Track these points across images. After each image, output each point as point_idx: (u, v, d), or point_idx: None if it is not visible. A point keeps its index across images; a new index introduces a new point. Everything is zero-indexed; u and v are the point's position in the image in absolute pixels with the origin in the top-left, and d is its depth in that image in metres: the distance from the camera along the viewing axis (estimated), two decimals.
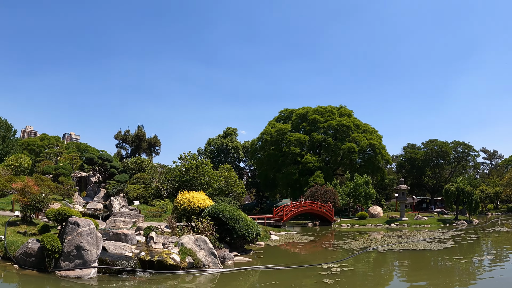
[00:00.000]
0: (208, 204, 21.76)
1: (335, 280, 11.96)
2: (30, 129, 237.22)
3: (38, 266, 12.72)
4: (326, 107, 66.87)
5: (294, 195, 57.57)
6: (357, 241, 24.66)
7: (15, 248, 13.87)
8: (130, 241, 16.18)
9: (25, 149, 74.34)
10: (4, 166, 33.81)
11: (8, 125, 68.43)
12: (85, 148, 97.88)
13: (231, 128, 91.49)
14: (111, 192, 33.37)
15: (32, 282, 11.66)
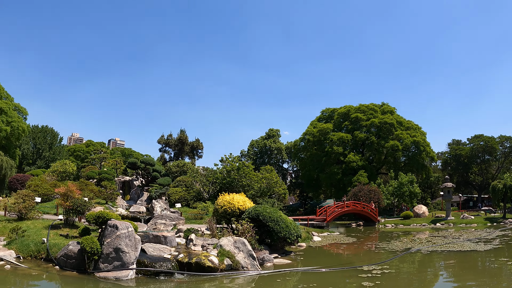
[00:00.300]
0: (249, 206, 21.40)
1: (374, 283, 11.24)
2: (76, 136, 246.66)
3: (78, 267, 12.85)
4: (368, 105, 65.23)
5: (338, 195, 56.54)
6: (400, 241, 23.57)
7: (56, 250, 14.10)
8: (170, 243, 16.10)
9: (71, 155, 77.17)
10: (50, 172, 34.96)
11: (55, 133, 71.30)
12: (130, 153, 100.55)
13: (273, 130, 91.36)
14: (153, 195, 33.80)
15: (72, 283, 11.77)
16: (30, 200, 19.33)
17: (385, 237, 28.52)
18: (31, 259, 14.32)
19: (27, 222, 18.02)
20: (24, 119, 57.96)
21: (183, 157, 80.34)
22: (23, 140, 62.47)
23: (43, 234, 16.07)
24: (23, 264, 13.54)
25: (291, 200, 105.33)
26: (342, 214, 47.01)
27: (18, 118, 54.35)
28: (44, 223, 18.13)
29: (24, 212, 18.78)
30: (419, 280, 12.22)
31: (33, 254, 14.58)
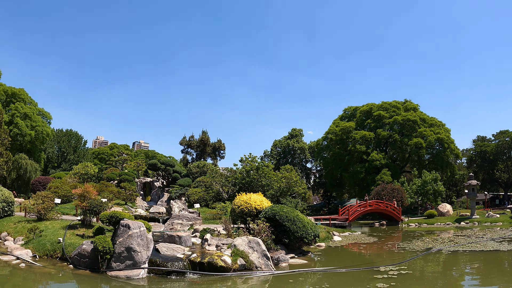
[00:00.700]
0: (266, 205, 21.13)
1: (389, 284, 10.73)
2: (101, 139, 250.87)
3: (91, 266, 12.89)
4: (390, 102, 64.12)
5: (361, 194, 55.78)
6: (422, 241, 22.85)
7: (72, 249, 14.18)
8: (185, 243, 15.99)
9: (96, 158, 78.62)
10: (72, 174, 35.52)
11: (79, 136, 72.84)
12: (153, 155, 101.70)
13: (296, 129, 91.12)
14: (173, 196, 33.93)
15: (83, 281, 11.81)
16: (49, 201, 19.55)
17: (407, 236, 27.81)
18: (47, 258, 14.47)
19: (46, 223, 18.24)
20: (48, 123, 59.38)
21: (205, 158, 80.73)
22: (48, 144, 63.96)
23: (60, 234, 16.22)
24: (38, 263, 13.66)
25: (315, 199, 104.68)
26: (365, 214, 46.34)
27: (42, 123, 55.69)
28: (62, 223, 18.32)
29: (43, 213, 19.01)
30: (436, 282, 11.60)
31: (49, 253, 14.72)
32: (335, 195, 76.20)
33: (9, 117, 51.01)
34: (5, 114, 47.90)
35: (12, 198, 20.91)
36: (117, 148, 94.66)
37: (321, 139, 72.56)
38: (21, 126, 50.69)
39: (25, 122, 51.85)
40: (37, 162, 54.65)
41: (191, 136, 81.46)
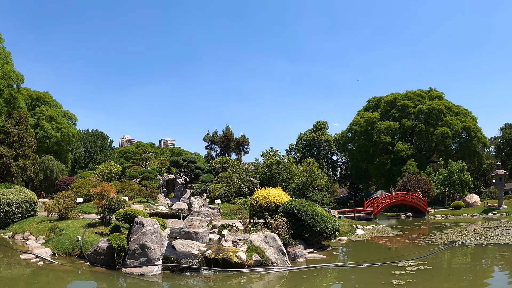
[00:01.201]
0: (285, 200, 20.90)
1: (406, 281, 10.28)
2: (127, 138, 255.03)
3: (107, 263, 12.98)
4: (415, 91, 62.66)
5: (387, 186, 54.92)
6: (446, 234, 22.09)
7: (89, 247, 14.33)
8: (201, 239, 15.96)
9: (122, 156, 79.88)
10: (95, 174, 36.10)
11: (105, 136, 74.05)
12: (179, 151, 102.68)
13: (321, 122, 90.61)
14: (195, 192, 34.08)
15: (98, 278, 11.89)
16: (70, 201, 19.88)
17: (432, 229, 27.05)
18: (66, 256, 14.69)
19: (67, 222, 18.56)
20: (74, 125, 60.62)
21: (230, 154, 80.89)
22: (74, 145, 65.36)
23: (80, 232, 16.44)
24: (57, 261, 13.87)
25: (342, 192, 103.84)
26: (392, 205, 45.53)
27: (68, 124, 56.89)
28: (82, 222, 18.59)
29: (64, 212, 19.35)
30: (455, 279, 10.94)
31: (68, 251, 14.94)
32: (362, 187, 75.39)
33: (34, 120, 52.29)
34: (30, 117, 49.11)
35: (35, 199, 21.38)
36: (142, 146, 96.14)
37: (345, 131, 71.85)
38: (46, 128, 51.89)
39: (51, 124, 53.05)
40: (64, 163, 55.95)
41: (214, 132, 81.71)
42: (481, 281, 11.02)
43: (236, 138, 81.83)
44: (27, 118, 40.12)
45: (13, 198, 19.89)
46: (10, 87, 40.57)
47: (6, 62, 39.55)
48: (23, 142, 38.57)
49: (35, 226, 18.77)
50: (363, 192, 74.08)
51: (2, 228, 19.82)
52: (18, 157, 38.04)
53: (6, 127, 38.46)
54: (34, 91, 55.90)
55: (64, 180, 31.97)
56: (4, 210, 19.59)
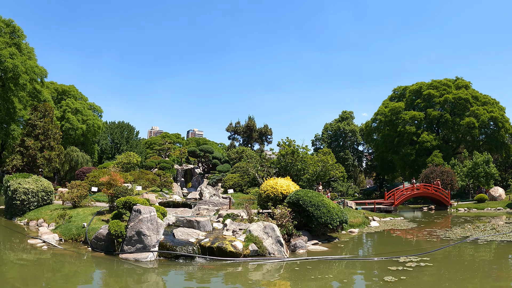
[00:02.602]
0: (293, 190, 20.84)
1: (398, 278, 10.03)
2: (156, 129, 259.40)
3: (107, 249, 13.40)
4: (440, 80, 60.94)
5: (412, 177, 53.96)
6: (462, 228, 21.43)
7: (93, 233, 14.77)
8: (203, 228, 16.11)
9: (148, 147, 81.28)
10: (115, 164, 36.96)
11: (131, 127, 75.47)
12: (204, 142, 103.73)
13: (346, 112, 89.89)
14: (210, 182, 34.40)
15: (95, 262, 12.30)
16: (82, 190, 20.46)
17: (450, 222, 26.37)
18: (72, 242, 15.23)
19: (78, 210, 19.16)
20: (100, 117, 62.18)
21: (252, 144, 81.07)
22: (101, 136, 67.00)
23: (88, 219, 16.97)
24: (61, 246, 14.41)
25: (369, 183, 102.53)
26: (417, 197, 44.68)
27: (93, 116, 58.42)
28: (93, 210, 19.16)
29: (76, 200, 19.97)
30: (451, 279, 10.43)
31: (74, 237, 15.49)
32: (387, 178, 74.41)
33: (61, 112, 53.92)
34: (56, 110, 50.67)
35: (51, 188, 22.13)
36: (168, 137, 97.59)
37: (370, 121, 70.81)
38: (72, 120, 53.43)
39: (76, 116, 54.60)
40: (91, 154, 57.53)
41: (237, 123, 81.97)
42: (479, 285, 10.59)
43: (259, 128, 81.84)
44: (52, 111, 41.40)
45: (29, 187, 20.66)
46: (34, 82, 41.95)
47: (29, 58, 40.96)
48: (48, 134, 39.88)
49: (48, 214, 19.46)
50: (388, 183, 73.08)
51: (18, 216, 20.67)
52: (43, 149, 39.39)
53: (32, 120, 39.87)
54: (60, 85, 57.58)
55: (83, 170, 32.93)
56: (21, 199, 20.39)
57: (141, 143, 79.61)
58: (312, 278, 10.42)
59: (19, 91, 40.61)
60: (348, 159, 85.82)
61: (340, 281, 10.35)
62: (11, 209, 21.12)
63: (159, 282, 10.42)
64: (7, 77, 39.20)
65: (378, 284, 9.80)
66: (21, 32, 42.61)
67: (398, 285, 9.59)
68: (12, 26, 41.85)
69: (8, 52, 38.54)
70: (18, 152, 40.29)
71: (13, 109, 40.89)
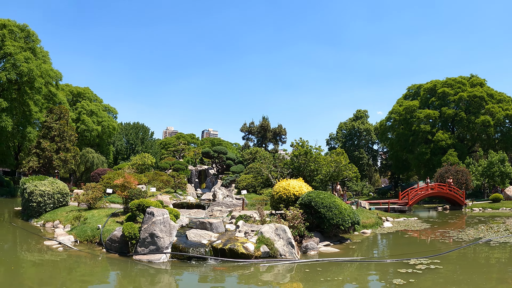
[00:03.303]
0: (305, 191, 20.87)
1: (407, 281, 10.01)
2: (170, 130, 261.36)
3: (121, 250, 13.63)
4: (455, 78, 60.25)
5: (427, 176, 53.52)
6: (475, 229, 21.20)
7: (107, 235, 15.03)
8: (216, 230, 16.29)
9: (163, 148, 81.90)
10: (130, 165, 37.43)
11: (146, 128, 76.16)
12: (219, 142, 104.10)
13: (361, 110, 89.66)
14: (224, 183, 34.59)
15: (109, 263, 12.56)
16: (97, 192, 20.78)
17: (464, 223, 26.12)
18: (87, 243, 15.49)
19: (93, 211, 19.46)
20: (115, 118, 62.93)
21: (266, 144, 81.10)
22: (116, 137, 67.77)
23: (103, 221, 17.22)
24: (76, 247, 14.69)
25: (384, 182, 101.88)
26: (432, 197, 44.32)
27: (108, 118, 59.18)
28: (108, 211, 19.43)
29: (92, 202, 20.30)
30: (463, 280, 10.47)
31: (89, 238, 15.77)
32: (402, 178, 73.98)
33: (76, 114, 54.78)
34: (72, 112, 51.51)
35: (67, 190, 22.54)
36: (183, 137, 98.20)
37: (384, 119, 70.52)
38: (87, 122, 54.22)
39: (91, 118, 55.39)
40: (106, 155, 58.29)
41: (251, 123, 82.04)
42: (482, 280, 10.53)
43: (273, 128, 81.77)
44: (67, 113, 42.11)
45: (45, 189, 21.09)
46: (49, 85, 42.74)
47: (44, 62, 41.76)
48: (64, 136, 40.59)
49: (64, 215, 19.82)
50: (404, 182, 72.64)
51: (35, 217, 21.11)
52: (59, 151, 40.10)
53: (48, 122, 40.62)
54: (75, 87, 58.48)
55: (98, 172, 33.42)
56: (37, 201, 20.82)
57: (156, 143, 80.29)
58: (322, 280, 10.48)
59: (35, 94, 41.44)
60: (363, 158, 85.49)
61: (349, 283, 10.39)
62: (27, 211, 21.59)
63: (171, 283, 10.61)
64: (22, 81, 40.05)
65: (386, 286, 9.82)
66: (36, 36, 43.47)
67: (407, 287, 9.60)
68: (27, 30, 42.72)
69: (23, 57, 39.35)
70: (34, 154, 41.09)
71: (29, 112, 41.73)
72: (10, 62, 39.33)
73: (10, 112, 39.78)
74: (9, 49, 39.19)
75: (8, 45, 39.49)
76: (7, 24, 41.25)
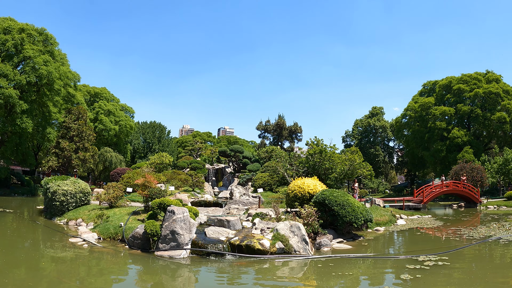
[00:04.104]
0: (320, 189, 21.31)
1: (414, 276, 10.41)
2: (187, 128, 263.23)
3: (143, 247, 14.31)
4: (470, 74, 59.80)
5: (443, 173, 53.43)
6: (487, 227, 21.35)
7: (130, 232, 15.75)
8: (233, 227, 16.89)
9: (180, 146, 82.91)
10: (148, 164, 38.29)
11: (162, 127, 77.27)
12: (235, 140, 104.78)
13: (376, 107, 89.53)
14: (241, 181, 35.19)
15: (133, 259, 13.23)
16: (118, 191, 21.58)
17: (477, 221, 26.22)
18: (110, 240, 16.23)
19: (115, 210, 20.24)
20: (132, 117, 64.08)
21: (282, 142, 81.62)
22: (133, 136, 68.97)
23: (125, 219, 17.96)
24: (100, 244, 15.40)
25: (401, 179, 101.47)
26: (448, 194, 44.26)
27: (125, 117, 60.32)
28: (128, 210, 20.20)
29: (113, 201, 21.10)
30: (465, 279, 10.68)
31: (111, 236, 16.50)
32: (418, 175, 73.74)
33: (94, 114, 56.04)
34: (89, 112, 52.71)
35: (88, 189, 23.41)
36: (199, 135, 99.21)
37: (400, 116, 70.40)
38: (105, 122, 55.41)
39: (109, 118, 56.57)
40: (124, 154, 59.43)
41: (267, 121, 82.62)
42: (486, 276, 10.84)
43: (289, 126, 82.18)
44: (85, 114, 43.20)
45: (67, 189, 21.97)
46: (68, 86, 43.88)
47: (62, 64, 42.90)
48: (82, 136, 41.69)
49: (86, 214, 20.64)
50: (420, 179, 72.44)
51: (58, 216, 22.00)
52: (78, 150, 41.21)
53: (67, 122, 41.76)
54: (93, 87, 59.75)
55: (118, 171, 34.33)
56: (60, 200, 21.71)
57: (172, 142, 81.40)
58: (333, 275, 11.00)
59: (54, 96, 42.63)
60: (379, 155, 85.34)
61: (356, 277, 10.87)
62: (50, 210, 22.49)
63: (191, 277, 11.24)
64: (42, 83, 41.23)
65: (394, 282, 10.25)
66: (54, 39, 44.67)
67: (411, 283, 10.00)
68: (45, 34, 43.90)
69: (42, 60, 40.51)
70: (53, 153, 42.29)
71: (48, 113, 42.94)
72: (29, 65, 40.51)
73: (30, 114, 40.98)
74: (28, 53, 40.35)
75: (27, 48, 40.66)
76: (25, 28, 42.43)
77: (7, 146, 40.97)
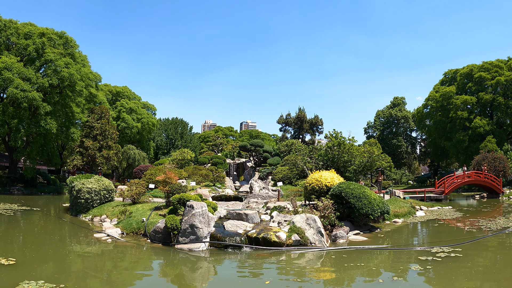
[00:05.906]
0: (337, 182, 21.55)
1: (425, 268, 10.64)
2: (209, 123, 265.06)
3: (164, 240, 14.94)
4: (492, 61, 58.58)
5: (466, 164, 52.79)
6: (506, 219, 21.13)
7: (151, 227, 16.40)
8: (251, 220, 17.36)
9: (202, 141, 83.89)
10: (170, 161, 39.14)
11: (184, 123, 78.30)
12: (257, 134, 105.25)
13: (398, 98, 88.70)
14: (261, 175, 35.67)
15: (154, 252, 13.86)
16: (141, 187, 22.32)
17: (498, 212, 26.01)
18: (132, 235, 16.92)
19: (137, 206, 20.98)
20: (154, 114, 65.26)
21: (303, 135, 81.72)
22: (155, 133, 70.20)
23: (147, 214, 18.64)
24: (123, 238, 16.12)
25: (424, 170, 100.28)
26: (471, 185, 43.80)
27: (147, 114, 61.47)
28: (151, 205, 20.90)
29: (135, 197, 21.85)
30: (477, 271, 10.72)
31: (134, 230, 17.20)
32: (443, 165, 72.92)
33: (116, 113, 57.32)
34: (112, 111, 53.99)
35: (112, 187, 24.27)
36: (221, 130, 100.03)
37: (421, 106, 69.57)
38: (127, 120, 56.63)
39: (131, 116, 57.77)
40: (146, 151, 60.66)
41: (287, 114, 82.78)
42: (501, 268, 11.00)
43: (309, 119, 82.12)
44: (108, 112, 44.31)
45: (92, 187, 22.85)
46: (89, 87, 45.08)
47: (83, 65, 44.09)
48: (105, 134, 42.83)
49: (110, 210, 21.45)
50: (443, 170, 71.63)
51: (83, 213, 22.93)
52: (102, 149, 42.37)
53: (90, 122, 42.97)
54: (114, 87, 61.06)
55: (140, 168, 35.23)
56: (85, 197, 22.62)
57: (195, 137, 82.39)
58: (345, 266, 11.35)
59: (76, 96, 43.91)
60: (401, 146, 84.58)
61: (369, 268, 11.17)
62: (76, 207, 23.44)
63: (210, 268, 11.78)
64: (64, 85, 42.49)
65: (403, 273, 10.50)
66: (74, 42, 45.96)
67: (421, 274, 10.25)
68: (65, 37, 45.16)
69: (63, 62, 41.75)
70: (78, 152, 43.58)
71: (71, 114, 44.26)
72: (51, 68, 41.81)
73: (54, 115, 42.30)
74: (50, 56, 41.60)
75: (48, 52, 41.91)
76: (45, 33, 43.69)
77: (32, 147, 42.42)
